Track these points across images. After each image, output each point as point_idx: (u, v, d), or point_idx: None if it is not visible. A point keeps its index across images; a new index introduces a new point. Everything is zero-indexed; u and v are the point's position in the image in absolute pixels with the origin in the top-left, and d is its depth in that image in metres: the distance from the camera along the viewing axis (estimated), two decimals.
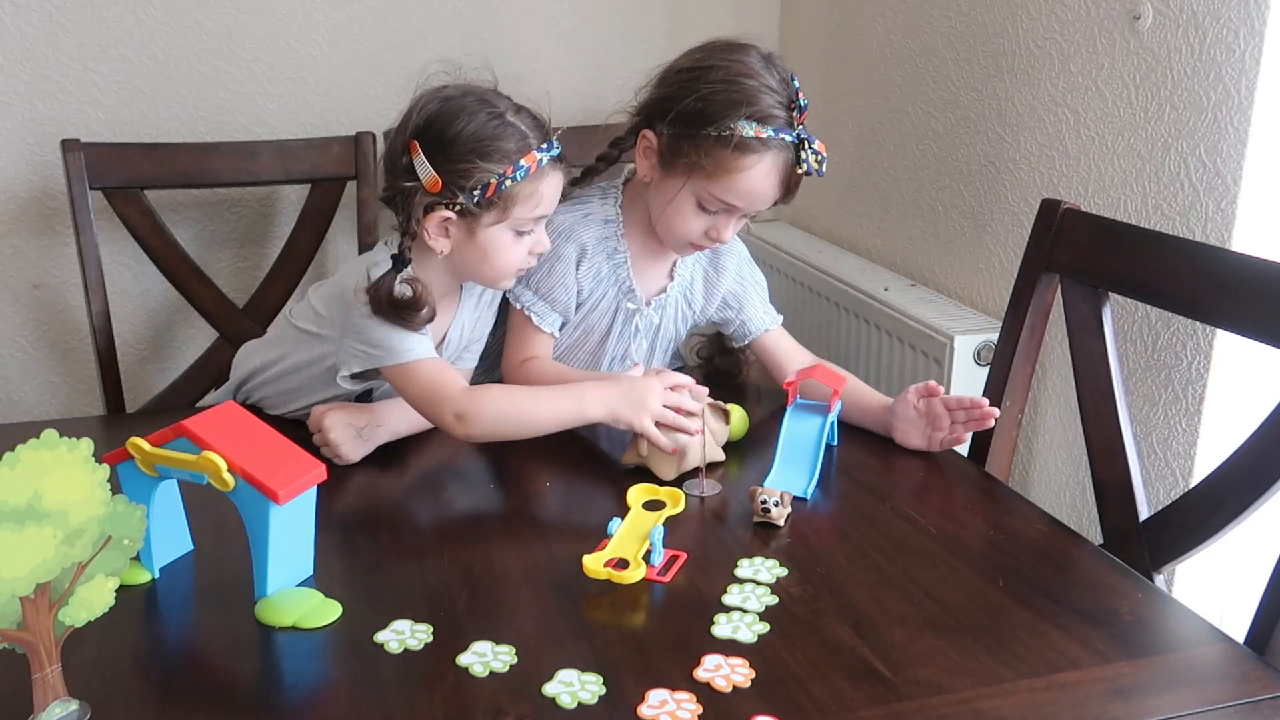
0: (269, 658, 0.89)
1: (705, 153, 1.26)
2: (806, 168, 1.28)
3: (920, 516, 1.10)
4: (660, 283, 1.44)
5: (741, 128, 1.25)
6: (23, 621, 0.73)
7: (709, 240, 1.34)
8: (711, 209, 1.31)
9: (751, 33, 2.20)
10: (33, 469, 0.72)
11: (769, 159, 1.27)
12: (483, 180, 1.19)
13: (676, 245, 1.37)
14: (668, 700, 0.81)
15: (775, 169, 1.28)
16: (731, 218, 1.32)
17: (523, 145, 1.20)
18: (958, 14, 1.69)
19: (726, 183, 1.27)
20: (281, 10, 1.90)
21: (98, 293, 1.68)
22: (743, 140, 1.25)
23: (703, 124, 1.26)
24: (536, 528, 1.12)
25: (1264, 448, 1.05)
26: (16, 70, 1.79)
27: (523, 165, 1.20)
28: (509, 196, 1.20)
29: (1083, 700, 0.82)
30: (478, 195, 1.19)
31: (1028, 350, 1.35)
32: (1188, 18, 1.28)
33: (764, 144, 1.25)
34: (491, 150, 1.19)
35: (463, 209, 1.20)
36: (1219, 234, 1.27)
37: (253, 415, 1.00)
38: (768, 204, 1.32)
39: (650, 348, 1.47)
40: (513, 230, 1.23)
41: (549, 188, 1.24)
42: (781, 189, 1.30)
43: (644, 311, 1.42)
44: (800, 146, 1.28)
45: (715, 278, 1.46)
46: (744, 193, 1.28)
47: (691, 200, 1.30)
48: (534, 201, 1.22)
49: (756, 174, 1.27)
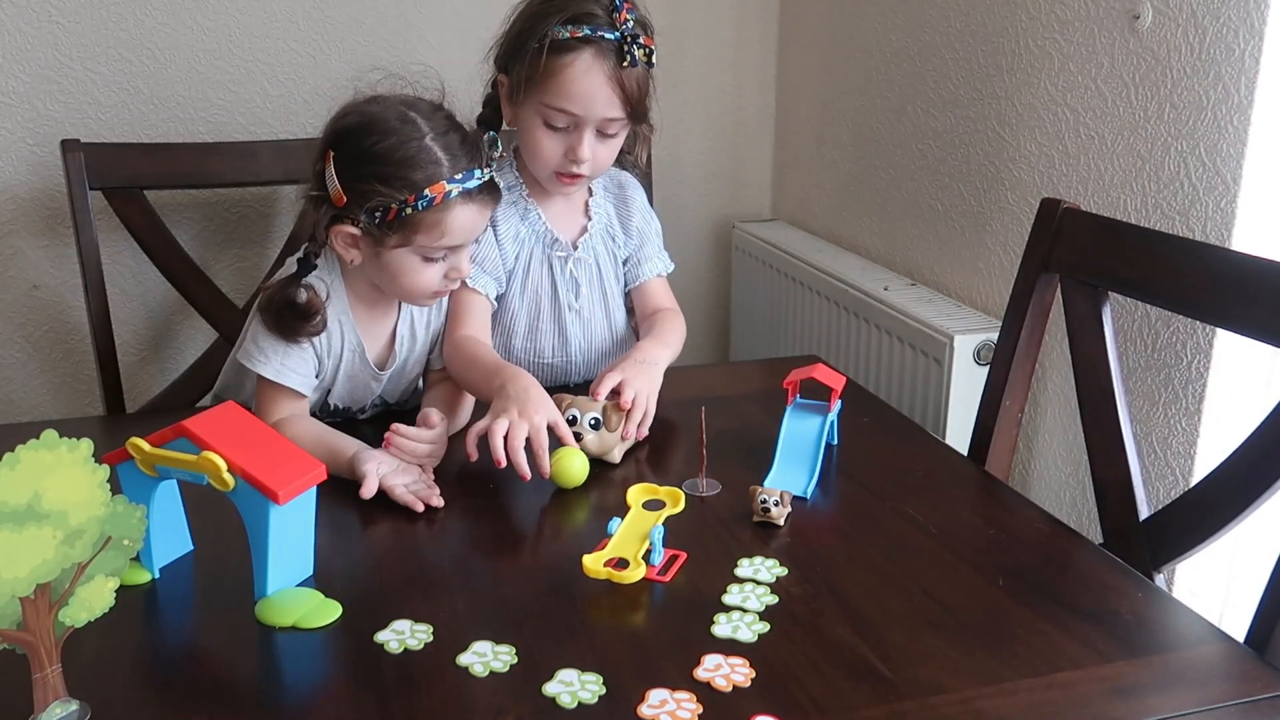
0: (269, 658, 0.89)
1: (530, 66, 1.30)
2: (631, 60, 1.29)
3: (920, 516, 1.10)
4: (579, 223, 1.46)
5: (556, 31, 1.28)
6: (23, 622, 0.73)
7: (570, 162, 1.35)
8: (558, 124, 1.33)
9: (751, 33, 2.22)
10: (33, 469, 0.72)
11: (587, 55, 1.29)
12: (384, 204, 1.17)
13: (548, 180, 1.39)
14: (668, 700, 0.81)
15: (597, 66, 1.29)
16: (582, 132, 1.33)
17: (432, 174, 1.17)
18: (957, 14, 1.69)
19: (552, 87, 1.30)
20: (281, 10, 1.90)
21: (97, 293, 1.68)
22: (557, 42, 1.28)
23: (525, 40, 1.30)
24: (536, 528, 1.12)
25: (1264, 447, 1.05)
26: (16, 70, 1.79)
27: (426, 195, 1.17)
28: (411, 223, 1.18)
29: (1083, 699, 0.82)
30: (378, 217, 1.18)
31: (1027, 350, 1.35)
32: (1187, 17, 1.28)
33: (582, 42, 1.28)
34: (394, 175, 1.16)
35: (365, 227, 1.19)
36: (1219, 233, 1.27)
37: (253, 415, 1.00)
38: (608, 108, 1.32)
39: (601, 295, 1.48)
40: (420, 256, 1.22)
41: (459, 220, 1.20)
42: (616, 89, 1.31)
43: (574, 255, 1.44)
44: (624, 43, 1.29)
45: (626, 210, 1.50)
46: (572, 95, 1.30)
47: (537, 120, 1.33)
48: (438, 232, 1.19)
49: (576, 71, 1.29)
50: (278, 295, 1.23)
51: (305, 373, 1.26)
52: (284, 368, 1.24)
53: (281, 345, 1.24)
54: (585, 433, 1.21)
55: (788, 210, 2.31)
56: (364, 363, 1.31)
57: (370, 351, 1.31)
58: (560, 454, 1.16)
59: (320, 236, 1.22)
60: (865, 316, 1.80)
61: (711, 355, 2.41)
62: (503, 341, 1.45)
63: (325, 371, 1.29)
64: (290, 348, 1.24)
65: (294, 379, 1.25)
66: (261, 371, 1.24)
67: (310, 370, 1.27)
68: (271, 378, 1.24)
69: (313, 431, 1.22)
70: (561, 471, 1.15)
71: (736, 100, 2.27)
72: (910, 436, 1.34)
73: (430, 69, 1.27)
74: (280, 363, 1.24)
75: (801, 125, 2.21)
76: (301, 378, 1.26)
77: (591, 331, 1.48)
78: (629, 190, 1.51)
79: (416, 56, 1.99)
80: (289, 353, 1.24)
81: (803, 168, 2.23)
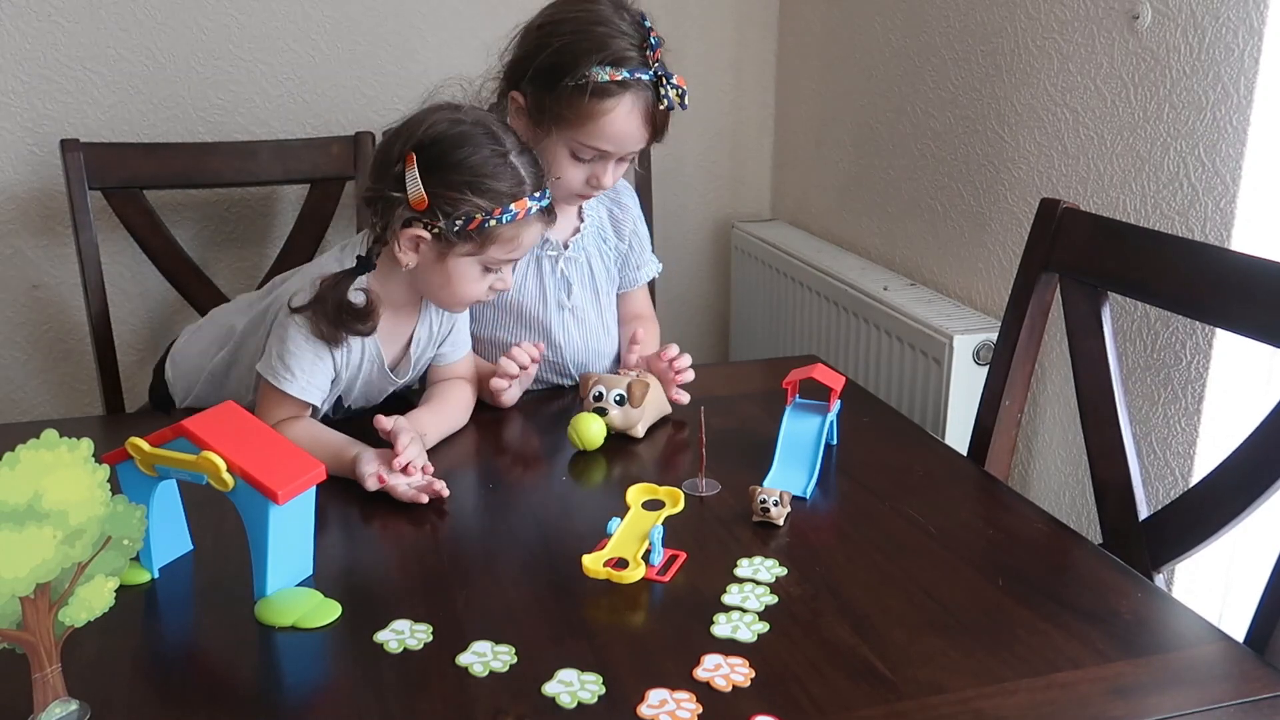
0: (269, 658, 0.89)
1: (566, 104, 1.30)
2: (668, 103, 1.31)
3: (920, 516, 1.10)
4: (571, 225, 1.48)
5: (596, 74, 1.28)
6: (23, 621, 0.73)
7: (591, 188, 1.38)
8: (585, 157, 1.35)
9: (751, 33, 2.22)
10: (33, 469, 0.72)
11: (628, 100, 1.30)
12: (469, 213, 1.18)
13: (564, 198, 1.40)
14: (667, 700, 0.81)
15: (636, 109, 1.31)
16: (608, 163, 1.36)
17: (517, 190, 1.20)
18: (957, 14, 1.69)
19: (591, 129, 1.31)
20: (281, 10, 1.90)
21: (97, 293, 1.68)
22: (598, 86, 1.28)
23: (559, 76, 1.30)
24: (536, 528, 1.12)
25: (1264, 447, 1.05)
26: (16, 70, 1.79)
27: (511, 209, 1.19)
28: (489, 234, 1.20)
29: (1083, 699, 0.82)
30: (459, 225, 1.18)
31: (1027, 350, 1.35)
32: (1187, 17, 1.28)
33: (621, 86, 1.29)
34: (486, 187, 1.18)
35: (440, 233, 1.19)
36: (1218, 233, 1.27)
37: (253, 415, 1.00)
38: (638, 145, 1.35)
39: (594, 295, 1.49)
40: (482, 265, 1.23)
41: (529, 235, 1.24)
42: (648, 128, 1.34)
43: (564, 254, 1.45)
44: (659, 83, 1.31)
45: (621, 215, 1.52)
46: (609, 136, 1.32)
47: (565, 152, 1.34)
48: (512, 245, 1.23)
49: (618, 116, 1.30)
50: (331, 295, 1.22)
51: (324, 387, 1.26)
52: (310, 385, 1.24)
53: (308, 361, 1.23)
54: (611, 408, 1.27)
55: (787, 210, 2.31)
56: (381, 371, 1.31)
57: (386, 357, 1.31)
58: (580, 418, 1.24)
59: (389, 237, 1.21)
60: (865, 316, 1.80)
61: (711, 355, 2.41)
62: (489, 340, 1.46)
63: (341, 382, 1.29)
64: (316, 364, 1.23)
65: (315, 395, 1.25)
66: (288, 390, 1.22)
67: (327, 384, 1.26)
68: (297, 395, 1.23)
69: (312, 433, 1.22)
70: (582, 433, 1.23)
71: (736, 100, 2.27)
72: (910, 436, 1.34)
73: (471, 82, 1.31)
74: (307, 380, 1.23)
75: (801, 125, 2.21)
76: (320, 392, 1.26)
77: (586, 330, 1.48)
78: (623, 196, 1.53)
79: (416, 56, 1.99)
80: (315, 370, 1.23)
81: (802, 168, 2.23)
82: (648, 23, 1.33)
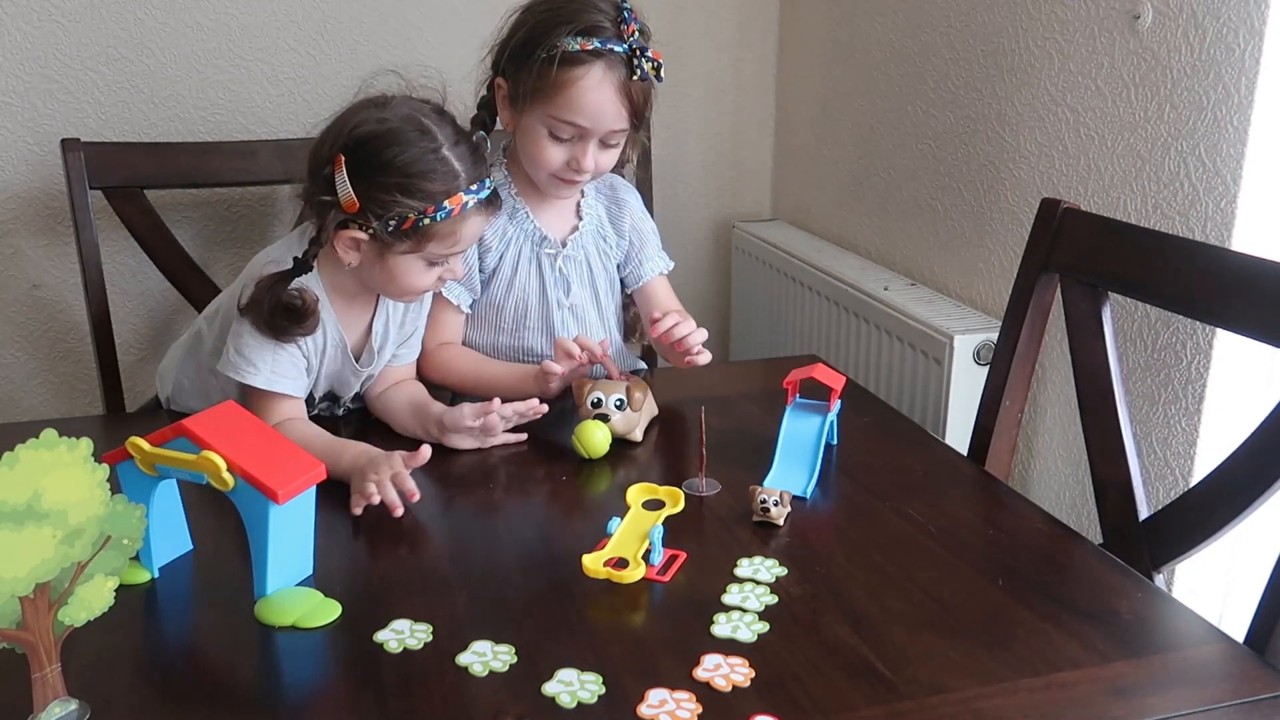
0: (269, 658, 0.89)
1: (538, 76, 1.29)
2: (641, 74, 1.30)
3: (920, 516, 1.10)
4: (570, 222, 1.47)
5: (566, 44, 1.28)
6: (22, 621, 0.73)
7: (572, 171, 1.36)
8: (563, 135, 1.33)
9: (751, 33, 2.22)
10: (32, 469, 0.72)
11: (598, 69, 1.29)
12: (401, 214, 1.17)
13: (545, 183, 1.40)
14: (667, 700, 0.81)
15: (608, 80, 1.30)
16: (587, 143, 1.34)
17: (451, 186, 1.18)
18: (957, 14, 1.69)
19: (561, 101, 1.30)
20: (281, 10, 1.90)
21: (97, 292, 1.68)
22: (568, 54, 1.28)
23: (532, 50, 1.30)
24: (536, 528, 1.12)
25: (1264, 447, 1.05)
26: (16, 70, 1.79)
27: (446, 206, 1.18)
28: (425, 232, 1.18)
29: (1083, 700, 0.82)
30: (393, 226, 1.17)
31: (1027, 350, 1.35)
32: (1187, 17, 1.28)
33: (593, 55, 1.28)
34: (416, 188, 1.17)
35: (376, 234, 1.19)
36: (1219, 233, 1.27)
37: (253, 415, 1.00)
38: (615, 122, 1.33)
39: (592, 293, 1.49)
40: (425, 260, 1.22)
41: (469, 229, 1.23)
42: (624, 102, 1.32)
43: (563, 252, 1.45)
44: (633, 56, 1.29)
45: (619, 212, 1.51)
46: (581, 108, 1.30)
47: (542, 130, 1.33)
48: (451, 241, 1.21)
49: (588, 86, 1.29)
50: (267, 297, 1.21)
51: (296, 374, 1.25)
52: (275, 375, 1.23)
53: (269, 352, 1.22)
54: (611, 413, 1.25)
55: (787, 210, 2.31)
56: (346, 357, 1.31)
57: (349, 341, 1.30)
58: (583, 427, 1.23)
59: (322, 239, 1.21)
60: (865, 316, 1.80)
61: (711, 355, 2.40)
62: (489, 339, 1.46)
63: (313, 369, 1.29)
64: (279, 352, 1.23)
65: (286, 384, 1.24)
66: (253, 383, 1.22)
67: (300, 369, 1.26)
68: (264, 387, 1.23)
69: (312, 434, 1.22)
70: (586, 442, 1.22)
71: (736, 100, 2.27)
72: (910, 436, 1.34)
73: (432, 69, 1.27)
74: (271, 370, 1.23)
75: (801, 125, 2.21)
76: (293, 381, 1.25)
77: (585, 328, 1.48)
78: (621, 193, 1.52)
79: (416, 56, 1.99)
80: (278, 359, 1.23)
81: (802, 168, 2.23)
82: (627, 3, 1.32)
